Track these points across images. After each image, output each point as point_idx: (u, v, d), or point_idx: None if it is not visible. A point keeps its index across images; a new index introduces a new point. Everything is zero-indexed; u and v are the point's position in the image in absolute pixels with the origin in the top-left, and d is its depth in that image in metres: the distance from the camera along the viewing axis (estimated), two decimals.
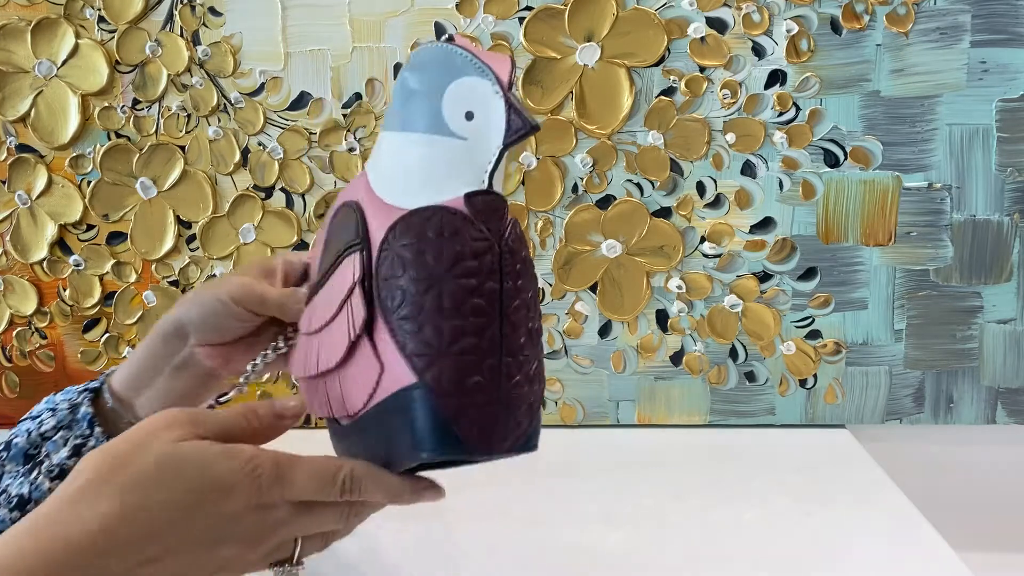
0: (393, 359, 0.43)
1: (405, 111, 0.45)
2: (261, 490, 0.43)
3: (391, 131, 0.46)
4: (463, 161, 0.43)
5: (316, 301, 0.51)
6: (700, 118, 0.89)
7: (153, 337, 0.60)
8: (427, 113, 0.44)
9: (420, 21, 0.88)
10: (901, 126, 0.88)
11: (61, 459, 0.60)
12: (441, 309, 0.42)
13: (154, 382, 0.60)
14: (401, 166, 0.45)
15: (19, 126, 0.90)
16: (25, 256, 0.92)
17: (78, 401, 0.61)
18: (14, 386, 0.96)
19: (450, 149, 0.43)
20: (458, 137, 0.43)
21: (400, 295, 0.42)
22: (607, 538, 0.71)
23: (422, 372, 0.42)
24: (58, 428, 0.61)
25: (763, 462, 0.87)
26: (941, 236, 0.90)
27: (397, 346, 0.42)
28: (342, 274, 0.47)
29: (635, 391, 0.95)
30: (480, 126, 0.43)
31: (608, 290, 0.92)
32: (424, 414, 0.42)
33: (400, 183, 0.45)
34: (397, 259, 0.43)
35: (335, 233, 0.50)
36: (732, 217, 0.91)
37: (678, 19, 0.87)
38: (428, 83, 0.44)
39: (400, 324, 0.42)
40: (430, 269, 0.42)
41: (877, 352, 0.93)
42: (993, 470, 0.96)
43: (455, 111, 0.43)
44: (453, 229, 0.42)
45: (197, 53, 0.88)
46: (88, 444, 0.60)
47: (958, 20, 0.86)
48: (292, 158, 0.90)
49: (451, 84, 0.43)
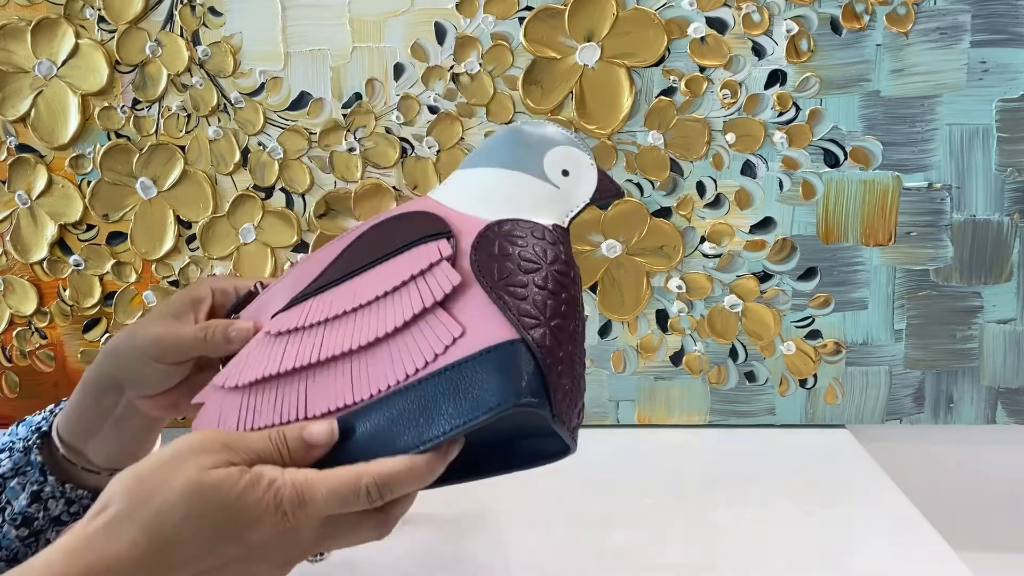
0: (484, 321, 0.47)
1: (509, 154, 0.52)
2: (286, 516, 0.42)
3: (483, 167, 0.53)
4: (550, 202, 0.51)
5: (335, 293, 0.52)
6: (700, 118, 0.89)
7: (85, 393, 0.58)
8: (530, 161, 0.52)
9: (420, 21, 0.88)
10: (901, 126, 0.88)
11: (22, 507, 0.60)
12: (546, 287, 0.47)
13: (99, 432, 0.59)
14: (490, 190, 0.52)
15: (19, 126, 0.90)
16: (25, 256, 0.92)
17: (30, 445, 0.60)
18: (14, 386, 0.96)
19: (542, 189, 0.51)
20: (552, 184, 0.52)
21: (509, 268, 0.48)
22: (607, 538, 0.71)
23: (529, 330, 0.46)
24: (15, 472, 0.60)
25: (763, 462, 0.87)
26: (941, 236, 0.90)
27: (501, 308, 0.47)
28: (409, 259, 0.50)
29: (635, 391, 0.95)
30: (572, 181, 0.52)
31: (608, 290, 0.92)
32: (527, 365, 0.46)
33: (485, 202, 0.51)
34: (504, 242, 0.49)
35: (381, 238, 0.53)
36: (732, 217, 0.91)
37: (678, 19, 0.87)
38: (537, 140, 0.53)
39: (507, 290, 0.47)
40: (535, 256, 0.48)
41: (877, 352, 0.93)
42: (993, 470, 0.96)
43: (554, 166, 0.52)
44: (550, 240, 0.49)
45: (197, 53, 0.88)
46: (45, 490, 0.60)
47: (958, 20, 0.86)
48: (292, 158, 0.90)
49: (556, 147, 0.52)
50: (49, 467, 0.61)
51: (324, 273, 0.53)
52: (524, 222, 0.50)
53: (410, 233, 0.52)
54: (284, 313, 0.53)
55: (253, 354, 0.52)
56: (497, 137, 0.54)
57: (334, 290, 0.52)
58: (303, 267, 0.55)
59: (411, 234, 0.51)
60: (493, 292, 0.47)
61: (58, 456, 0.61)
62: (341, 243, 0.55)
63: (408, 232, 0.52)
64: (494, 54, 0.88)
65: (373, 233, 0.54)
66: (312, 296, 0.52)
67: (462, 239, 0.50)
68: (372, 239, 0.53)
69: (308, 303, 0.52)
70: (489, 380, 0.45)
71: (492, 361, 0.46)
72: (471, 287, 0.48)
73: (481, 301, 0.47)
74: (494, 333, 0.46)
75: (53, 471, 0.61)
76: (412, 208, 0.54)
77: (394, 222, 0.53)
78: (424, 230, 0.51)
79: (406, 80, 0.89)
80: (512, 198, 0.51)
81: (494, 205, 0.51)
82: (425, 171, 0.90)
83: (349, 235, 0.55)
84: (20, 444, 0.61)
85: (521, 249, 0.48)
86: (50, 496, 0.61)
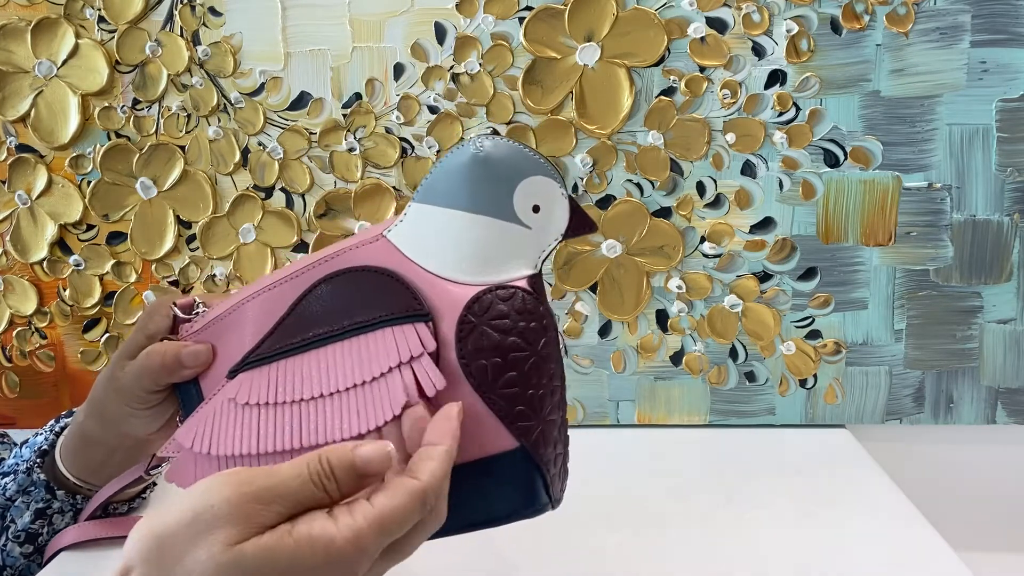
0: (478, 426, 0.46)
1: (473, 194, 0.48)
2: (351, 567, 0.37)
3: (445, 208, 0.48)
4: (524, 246, 0.48)
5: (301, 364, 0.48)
6: (700, 118, 0.89)
7: (89, 444, 0.59)
8: (498, 201, 0.48)
9: (420, 21, 0.88)
10: (901, 126, 0.88)
11: (25, 524, 0.61)
12: (538, 380, 0.47)
13: (106, 464, 0.61)
14: (457, 242, 0.48)
15: (19, 126, 0.90)
16: (25, 256, 0.92)
17: (31, 466, 0.62)
18: (14, 386, 0.96)
19: (513, 234, 0.48)
20: (524, 225, 0.48)
21: (498, 365, 0.46)
22: (607, 538, 0.71)
23: (526, 434, 0.46)
24: (20, 492, 0.61)
25: (763, 462, 0.87)
26: (941, 236, 0.90)
27: (496, 413, 0.46)
28: (385, 344, 0.47)
29: (635, 391, 0.95)
30: (543, 218, 0.48)
31: (608, 290, 0.92)
32: (530, 475, 0.47)
33: (456, 258, 0.48)
34: (487, 330, 0.46)
35: (341, 297, 0.49)
36: (732, 217, 0.91)
37: (678, 19, 0.87)
38: (501, 174, 0.48)
39: (499, 393, 0.46)
40: (522, 344, 0.46)
41: (877, 352, 0.93)
42: (993, 470, 0.96)
43: (525, 202, 0.48)
44: (531, 308, 0.47)
45: (197, 53, 0.88)
46: (52, 506, 0.61)
47: (958, 20, 0.86)
48: (292, 158, 0.90)
49: (525, 179, 0.48)
50: (56, 484, 0.62)
51: (280, 327, 0.50)
52: (502, 291, 0.47)
53: (378, 302, 0.48)
54: (246, 375, 0.50)
55: (221, 422, 0.49)
56: (459, 167, 0.48)
57: (299, 358, 0.49)
58: (257, 304, 0.52)
59: (380, 305, 0.48)
60: (487, 397, 0.46)
61: (59, 473, 0.62)
62: (292, 288, 0.51)
63: (374, 300, 0.48)
64: (494, 54, 0.88)
65: (331, 289, 0.50)
66: (274, 359, 0.49)
67: (440, 323, 0.47)
68: (331, 297, 0.49)
69: (272, 369, 0.49)
70: (494, 490, 0.47)
71: (491, 472, 0.46)
72: (460, 386, 0.46)
73: (474, 405, 0.46)
74: (490, 442, 0.46)
75: (61, 486, 0.62)
76: (370, 259, 0.49)
77: (354, 279, 0.49)
78: (395, 304, 0.48)
79: (406, 80, 0.89)
80: (483, 252, 0.48)
81: (465, 263, 0.48)
82: (425, 171, 0.90)
83: (299, 276, 0.51)
84: (24, 465, 0.62)
85: (505, 336, 0.46)
86: (57, 511, 0.62)
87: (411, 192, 0.90)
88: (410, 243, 0.49)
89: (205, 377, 0.53)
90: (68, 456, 0.61)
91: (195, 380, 0.53)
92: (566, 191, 0.49)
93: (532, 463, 0.47)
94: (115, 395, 0.55)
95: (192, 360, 0.53)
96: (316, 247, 0.92)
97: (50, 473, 0.62)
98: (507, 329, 0.46)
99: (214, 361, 0.53)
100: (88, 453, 0.60)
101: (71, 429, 0.61)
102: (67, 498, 0.62)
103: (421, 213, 0.49)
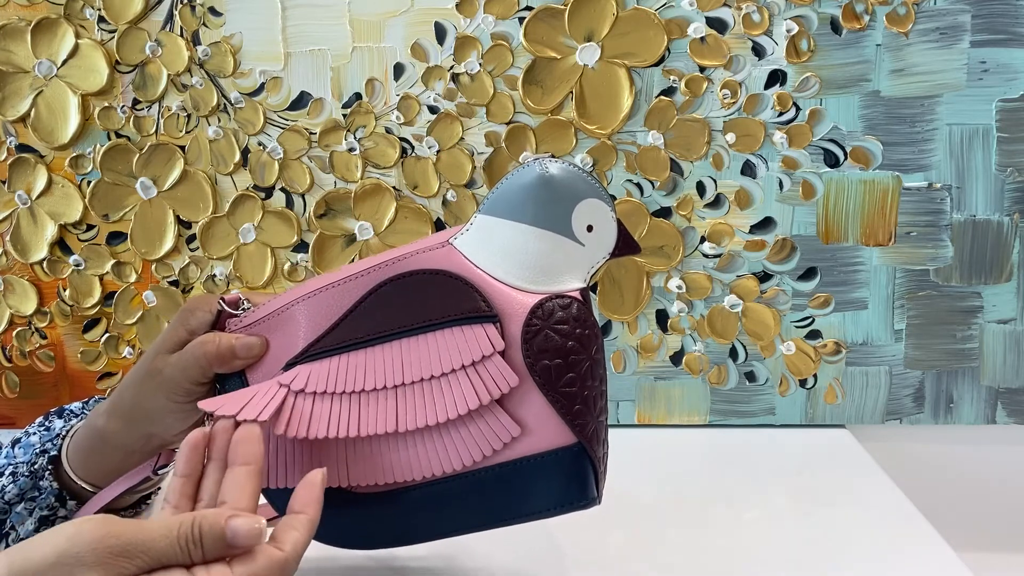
0: (542, 424, 0.51)
1: (537, 210, 0.52)
2: None
3: (511, 220, 0.53)
4: (578, 261, 0.53)
5: (366, 357, 0.52)
6: (700, 118, 0.89)
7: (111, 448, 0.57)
8: (558, 218, 0.52)
9: (420, 21, 0.88)
10: (901, 126, 0.88)
11: (28, 532, 0.59)
12: (591, 382, 0.52)
13: (119, 468, 0.59)
14: (521, 252, 0.52)
15: (19, 126, 0.90)
16: (25, 256, 0.92)
17: (37, 470, 0.60)
18: (14, 386, 0.96)
19: (571, 249, 0.53)
20: (579, 242, 0.53)
21: (560, 367, 0.51)
22: (607, 538, 0.71)
23: (583, 431, 0.51)
24: (21, 497, 0.59)
25: (763, 462, 0.87)
26: (941, 236, 0.90)
27: (558, 411, 0.51)
28: (455, 341, 0.51)
29: (635, 391, 0.95)
30: (596, 237, 0.53)
31: (608, 290, 0.92)
32: (585, 469, 0.52)
33: (519, 267, 0.52)
34: (551, 333, 0.51)
35: (409, 298, 0.53)
36: (732, 217, 0.91)
37: (678, 19, 0.87)
38: (563, 195, 0.53)
39: (561, 392, 0.51)
40: (579, 348, 0.51)
41: (877, 352, 0.93)
42: (993, 470, 0.96)
43: (581, 221, 0.53)
44: (584, 317, 0.52)
45: (197, 53, 0.88)
46: (59, 515, 0.59)
47: (958, 20, 0.86)
48: (292, 158, 0.90)
49: (583, 201, 0.53)
50: (68, 493, 0.60)
51: (343, 323, 0.53)
52: (561, 300, 0.52)
53: (446, 303, 0.52)
54: (304, 366, 0.52)
55: (263, 400, 0.50)
56: (525, 185, 0.53)
57: (362, 353, 0.52)
58: (314, 303, 0.54)
59: (447, 306, 0.52)
60: (550, 394, 0.51)
61: (65, 477, 0.60)
62: (356, 287, 0.54)
63: (443, 300, 0.52)
64: (494, 54, 0.88)
65: (398, 290, 0.53)
66: (336, 353, 0.52)
67: (508, 324, 0.51)
68: (397, 296, 0.53)
69: (334, 362, 0.52)
70: (551, 483, 0.51)
71: (554, 465, 0.51)
72: (526, 384, 0.51)
73: (537, 402, 0.51)
74: (553, 437, 0.51)
75: (72, 495, 0.60)
76: (438, 263, 0.53)
77: (421, 280, 0.53)
78: (463, 305, 0.52)
79: (406, 80, 0.89)
80: (545, 263, 0.52)
81: (527, 272, 0.52)
82: (425, 171, 0.90)
83: (364, 275, 0.54)
84: (24, 468, 0.60)
85: (566, 340, 0.51)
86: (62, 519, 0.60)
87: (411, 192, 0.90)
88: (476, 250, 0.53)
89: (253, 371, 0.55)
90: (79, 460, 0.59)
91: (241, 373, 0.55)
92: (616, 215, 0.54)
93: (588, 458, 0.51)
94: (154, 389, 0.55)
95: (246, 352, 0.54)
96: (316, 247, 0.92)
97: (57, 477, 0.61)
98: (567, 334, 0.51)
99: (264, 356, 0.55)
100: (104, 456, 0.58)
101: (83, 432, 0.59)
102: (76, 507, 0.61)
103: (487, 224, 0.53)
